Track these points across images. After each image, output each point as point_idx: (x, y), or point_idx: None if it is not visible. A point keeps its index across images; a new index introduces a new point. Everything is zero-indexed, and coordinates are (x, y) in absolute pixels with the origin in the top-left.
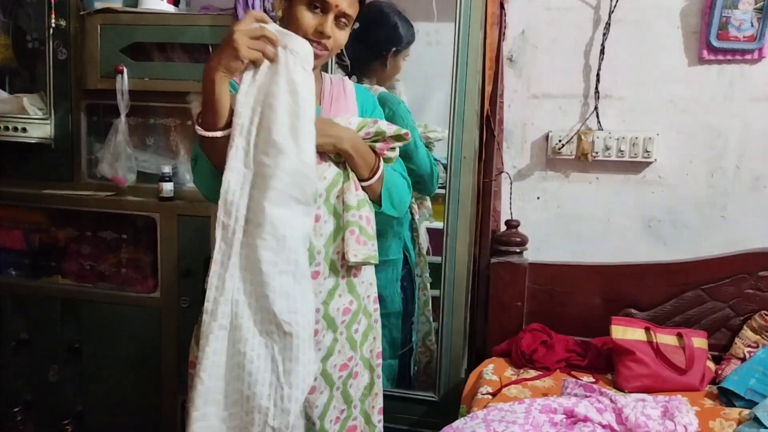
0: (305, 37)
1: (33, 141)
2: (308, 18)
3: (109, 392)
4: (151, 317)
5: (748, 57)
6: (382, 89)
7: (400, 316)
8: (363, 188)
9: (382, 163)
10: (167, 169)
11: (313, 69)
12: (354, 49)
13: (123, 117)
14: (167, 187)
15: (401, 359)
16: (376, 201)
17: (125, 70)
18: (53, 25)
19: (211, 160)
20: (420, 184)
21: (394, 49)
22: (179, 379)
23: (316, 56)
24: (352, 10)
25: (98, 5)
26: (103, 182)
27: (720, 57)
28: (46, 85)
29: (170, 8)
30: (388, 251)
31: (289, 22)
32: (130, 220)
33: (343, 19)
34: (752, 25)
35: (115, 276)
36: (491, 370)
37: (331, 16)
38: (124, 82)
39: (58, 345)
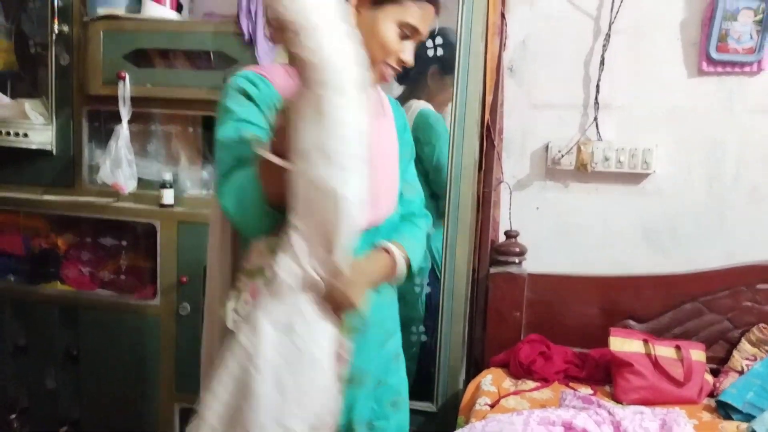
0: (380, 58)
1: (34, 147)
2: (395, 39)
3: (107, 399)
4: (150, 324)
5: (747, 69)
6: (423, 106)
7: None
8: None
9: (397, 266)
10: (168, 176)
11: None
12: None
13: (125, 123)
14: (168, 194)
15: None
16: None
17: (127, 76)
18: (56, 31)
19: (266, 190)
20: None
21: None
22: (177, 387)
23: (383, 80)
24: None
25: (101, 12)
26: (104, 188)
27: (719, 69)
28: (48, 90)
29: (173, 15)
30: None
31: (370, 36)
32: (130, 226)
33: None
34: (751, 38)
35: (114, 282)
36: (489, 380)
37: (413, 43)
38: (126, 89)
39: (55, 351)
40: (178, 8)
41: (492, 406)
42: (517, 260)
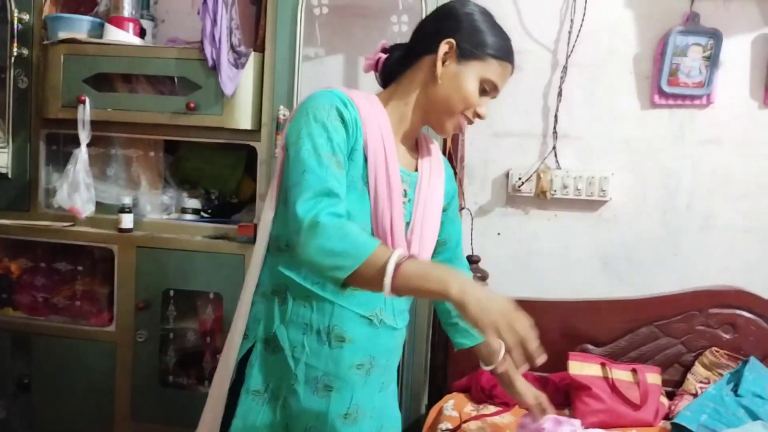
0: (460, 110)
1: None
2: (476, 94)
3: (60, 429)
4: (106, 351)
5: (697, 102)
6: None
7: None
8: None
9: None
10: (127, 200)
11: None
12: None
13: (83, 147)
14: (127, 218)
15: None
16: None
17: (87, 100)
18: (15, 53)
19: (363, 281)
20: None
21: None
22: (133, 416)
23: (458, 130)
24: None
25: (62, 35)
26: (61, 212)
27: (671, 101)
28: (5, 113)
29: (136, 40)
30: None
31: (453, 88)
32: (86, 251)
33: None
34: (701, 72)
35: (69, 309)
36: (451, 405)
37: (489, 98)
38: (86, 112)
39: (6, 380)
40: (142, 34)
41: (454, 430)
42: None
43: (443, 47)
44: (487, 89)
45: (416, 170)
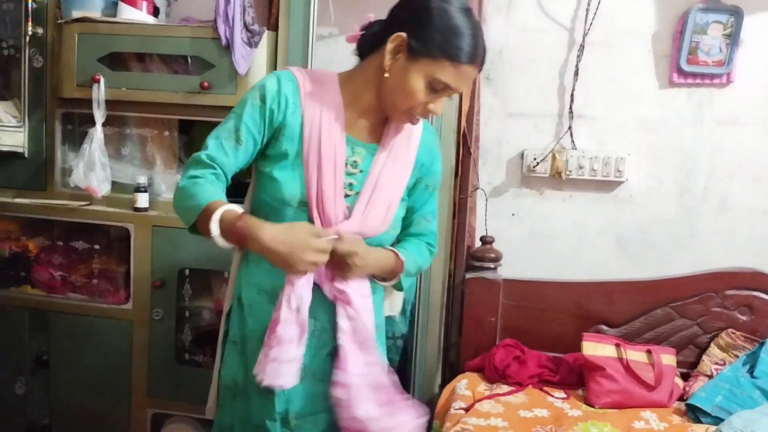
0: (405, 106)
1: (5, 149)
2: (422, 93)
3: (77, 405)
4: (122, 329)
5: (717, 81)
6: None
7: (404, 339)
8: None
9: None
10: (143, 180)
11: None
12: None
13: (99, 126)
14: (142, 197)
15: None
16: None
17: (102, 79)
18: (30, 32)
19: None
20: None
21: None
22: (149, 392)
23: (408, 122)
24: None
25: (76, 14)
26: (77, 191)
27: (690, 81)
28: (20, 92)
29: (149, 19)
30: None
31: (398, 83)
32: (103, 230)
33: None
34: (721, 51)
35: (86, 287)
36: (465, 385)
37: (445, 96)
38: (100, 92)
39: (25, 356)
40: (155, 13)
41: (467, 410)
42: (492, 266)
43: (391, 42)
44: (438, 89)
45: (379, 142)
